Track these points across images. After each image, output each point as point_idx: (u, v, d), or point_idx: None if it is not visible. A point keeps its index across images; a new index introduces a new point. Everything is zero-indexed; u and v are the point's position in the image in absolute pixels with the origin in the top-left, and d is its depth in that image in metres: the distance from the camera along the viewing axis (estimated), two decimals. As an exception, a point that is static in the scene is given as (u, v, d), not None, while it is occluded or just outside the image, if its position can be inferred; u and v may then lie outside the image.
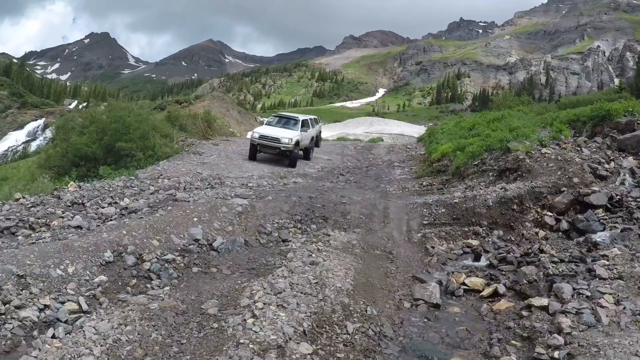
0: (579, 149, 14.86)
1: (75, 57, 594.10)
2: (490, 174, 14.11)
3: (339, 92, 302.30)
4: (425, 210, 12.26)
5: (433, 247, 10.75)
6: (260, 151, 21.95)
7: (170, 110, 41.02)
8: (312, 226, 11.36)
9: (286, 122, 23.62)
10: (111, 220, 10.56)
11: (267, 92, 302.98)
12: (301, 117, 24.33)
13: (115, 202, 11.73)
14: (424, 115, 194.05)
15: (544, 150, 14.02)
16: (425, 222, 11.84)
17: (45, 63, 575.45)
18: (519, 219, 11.66)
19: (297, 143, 21.59)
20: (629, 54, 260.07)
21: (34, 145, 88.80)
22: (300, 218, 11.66)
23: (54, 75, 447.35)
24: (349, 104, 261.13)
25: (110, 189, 13.00)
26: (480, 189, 13.35)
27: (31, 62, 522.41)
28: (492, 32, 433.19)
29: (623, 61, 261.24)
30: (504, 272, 9.08)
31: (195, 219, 10.33)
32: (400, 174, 20.52)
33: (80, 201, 11.73)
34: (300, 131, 22.49)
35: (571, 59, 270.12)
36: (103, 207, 11.31)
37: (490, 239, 11.12)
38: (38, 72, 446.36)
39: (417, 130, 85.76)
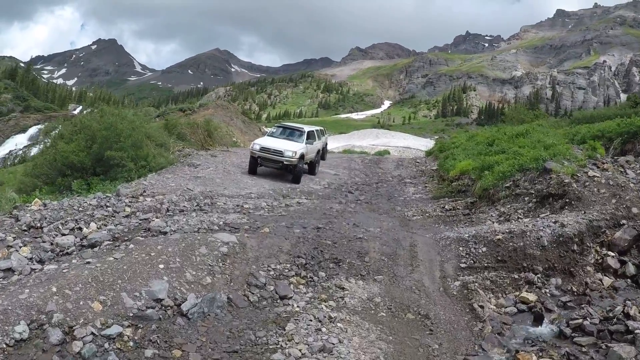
0: (622, 170, 13.06)
1: (82, 63, 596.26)
2: (526, 199, 12.15)
3: (344, 103, 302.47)
4: (461, 248, 10.06)
5: (482, 307, 8.22)
6: (261, 165, 20.05)
7: (168, 118, 39.30)
8: (321, 273, 8.98)
9: (290, 133, 21.75)
10: (66, 254, 8.54)
11: (272, 102, 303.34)
12: (307, 128, 22.47)
13: (79, 228, 9.69)
14: (429, 128, 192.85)
15: (591, 173, 12.07)
16: (462, 265, 9.63)
17: (52, 68, 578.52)
18: (578, 262, 9.61)
19: (302, 156, 19.74)
20: (635, 69, 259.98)
21: (34, 150, 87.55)
22: (305, 261, 9.20)
23: (60, 80, 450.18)
24: (354, 115, 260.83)
25: (80, 208, 11.04)
26: (519, 217, 11.43)
27: (38, 67, 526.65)
28: (498, 46, 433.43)
29: (629, 76, 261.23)
30: (584, 349, 6.82)
31: (162, 266, 7.79)
32: (414, 193, 18.66)
33: (39, 224, 9.71)
34: (306, 143, 20.64)
35: (577, 74, 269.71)
36: (63, 234, 9.32)
37: (548, 290, 8.97)
38: (45, 76, 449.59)
39: (423, 143, 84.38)
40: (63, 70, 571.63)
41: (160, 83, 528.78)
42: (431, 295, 8.73)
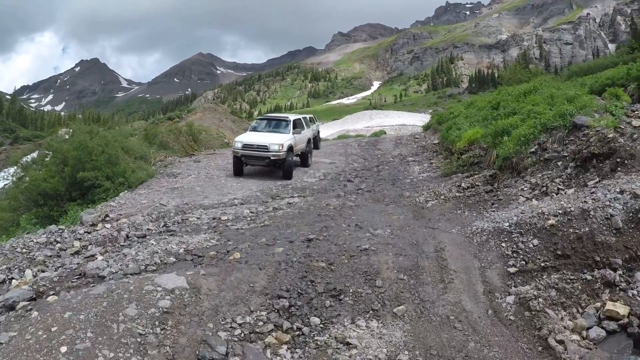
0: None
1: (67, 87, 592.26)
2: (559, 164, 9.98)
3: (333, 90, 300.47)
4: (504, 245, 7.54)
5: (561, 341, 5.61)
6: (247, 164, 18.01)
7: (146, 128, 37.37)
8: (313, 320, 6.38)
9: (275, 124, 19.61)
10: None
11: (262, 99, 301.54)
12: (292, 116, 20.34)
13: (10, 279, 7.70)
14: (422, 103, 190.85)
15: (635, 122, 9.92)
16: (511, 269, 7.13)
17: (39, 95, 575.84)
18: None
19: (291, 149, 17.64)
20: (620, 18, 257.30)
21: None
22: (289, 303, 6.60)
23: (48, 107, 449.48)
24: (345, 100, 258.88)
25: (24, 250, 9.10)
26: (560, 189, 9.23)
27: (24, 97, 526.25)
28: (480, 12, 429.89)
29: (615, 25, 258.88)
30: None
31: (64, 350, 5.25)
32: (421, 172, 16.64)
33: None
34: (293, 134, 18.53)
35: (562, 30, 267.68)
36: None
37: (637, 292, 6.40)
38: (32, 105, 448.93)
39: (418, 118, 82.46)
40: (50, 97, 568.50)
41: (148, 95, 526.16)
42: (480, 328, 6.15)
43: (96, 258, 8.22)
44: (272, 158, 17.03)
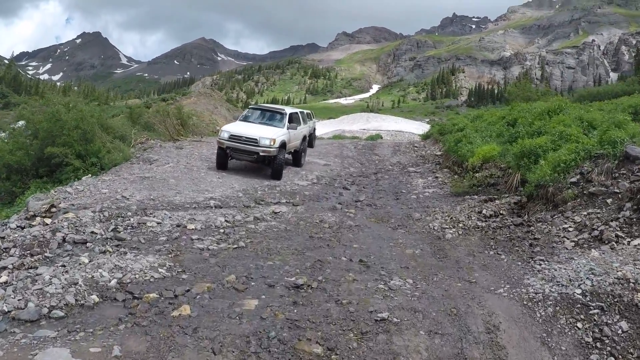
0: None
1: (67, 58, 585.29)
2: (609, 201, 8.06)
3: (332, 88, 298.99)
4: (580, 325, 5.33)
5: None
6: (232, 157, 15.90)
7: (132, 106, 35.28)
8: None
9: (269, 116, 17.51)
10: None
11: (259, 90, 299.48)
12: (288, 109, 18.27)
13: None
14: (419, 111, 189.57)
15: None
16: None
17: (37, 64, 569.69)
18: None
19: (283, 145, 15.64)
20: (624, 48, 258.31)
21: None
22: None
23: (45, 76, 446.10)
24: (342, 100, 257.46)
25: None
26: (619, 236, 7.23)
27: (23, 63, 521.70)
28: (486, 27, 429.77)
29: (618, 55, 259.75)
30: None
31: None
32: (426, 186, 14.84)
33: None
34: (288, 129, 16.53)
35: (566, 53, 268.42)
36: None
37: None
38: (30, 72, 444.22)
39: (415, 126, 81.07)
40: (48, 66, 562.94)
41: (146, 75, 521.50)
42: None
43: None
44: (261, 154, 14.99)
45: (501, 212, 10.10)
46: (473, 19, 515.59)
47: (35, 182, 18.21)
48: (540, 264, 7.17)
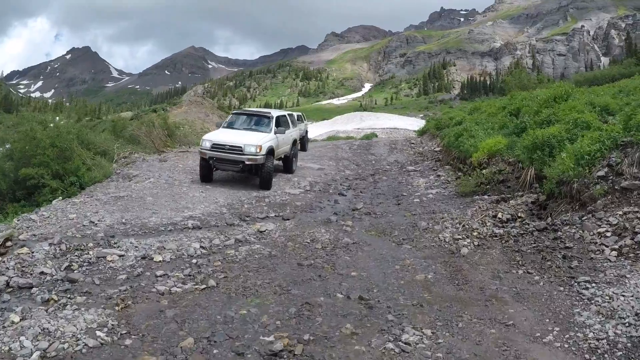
0: None
1: (57, 74, 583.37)
2: None
3: (324, 89, 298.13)
4: None
5: None
6: (217, 168, 14.65)
7: (114, 119, 34.10)
8: None
9: (254, 121, 16.19)
10: None
11: (252, 95, 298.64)
12: (275, 112, 16.92)
13: None
14: (413, 107, 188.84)
15: None
16: None
17: (28, 82, 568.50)
18: None
19: (271, 151, 14.35)
20: (614, 32, 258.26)
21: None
22: None
23: (37, 94, 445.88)
24: (335, 101, 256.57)
25: None
26: None
27: (14, 82, 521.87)
28: (474, 20, 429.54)
29: (608, 39, 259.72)
30: None
31: None
32: (428, 187, 13.63)
33: None
34: (276, 133, 15.21)
35: (556, 41, 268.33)
36: None
37: None
38: (21, 91, 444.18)
39: (410, 122, 79.90)
40: (39, 83, 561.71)
41: (138, 86, 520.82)
42: None
43: None
44: (247, 162, 13.66)
45: (519, 214, 8.83)
46: (461, 12, 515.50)
47: (12, 207, 17.11)
48: (587, 288, 5.87)
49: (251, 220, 10.09)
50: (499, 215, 8.94)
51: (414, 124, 70.24)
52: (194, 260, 7.47)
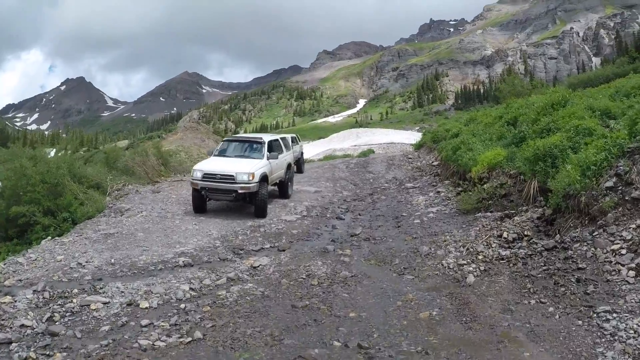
0: None
1: (53, 105, 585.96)
2: None
3: (319, 108, 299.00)
4: None
5: None
6: (209, 198, 14.17)
7: (107, 150, 33.83)
8: None
9: (245, 148, 15.74)
10: None
11: (247, 118, 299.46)
12: (267, 137, 16.45)
13: None
14: (408, 120, 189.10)
15: None
16: None
17: (24, 114, 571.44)
18: None
19: (264, 178, 13.88)
20: (603, 31, 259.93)
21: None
22: None
23: (34, 126, 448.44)
24: (331, 118, 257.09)
25: None
26: None
27: (9, 115, 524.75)
28: (464, 29, 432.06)
29: (598, 39, 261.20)
30: None
31: None
32: (428, 205, 13.20)
33: None
34: (269, 159, 14.77)
35: (546, 45, 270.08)
36: None
37: None
38: (18, 124, 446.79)
39: (406, 136, 79.75)
40: (35, 116, 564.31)
41: (134, 115, 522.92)
42: None
43: None
44: (240, 191, 13.18)
45: (525, 232, 8.35)
46: (450, 22, 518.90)
47: (5, 246, 16.78)
48: (607, 320, 5.32)
49: (245, 254, 9.61)
50: (505, 234, 8.47)
51: (410, 137, 70.07)
52: (182, 305, 6.95)
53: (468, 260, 8.03)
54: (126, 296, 7.20)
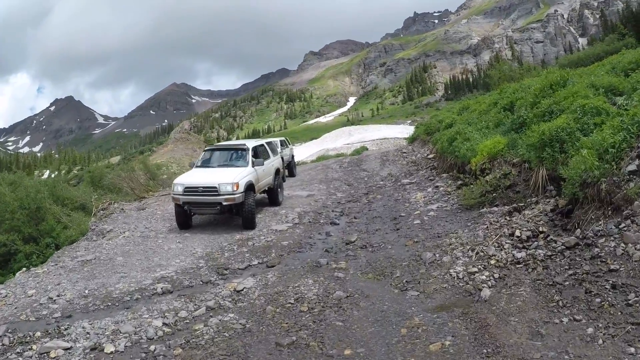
0: None
1: (44, 127, 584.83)
2: None
3: (310, 109, 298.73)
4: None
5: None
6: (193, 213, 13.19)
7: (91, 169, 32.97)
8: None
9: (228, 156, 14.78)
10: None
11: (239, 124, 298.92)
12: (251, 143, 15.38)
13: None
14: (400, 114, 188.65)
15: None
16: None
17: (15, 138, 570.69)
18: None
19: (250, 187, 12.87)
20: (587, 12, 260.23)
21: None
22: None
23: (26, 149, 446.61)
24: (322, 119, 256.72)
25: None
26: None
27: (1, 140, 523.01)
28: (448, 20, 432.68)
29: (583, 20, 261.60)
30: None
31: None
32: (428, 201, 12.33)
33: None
34: (254, 166, 13.73)
35: (532, 29, 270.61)
36: None
37: None
38: (10, 148, 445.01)
39: (399, 130, 79.24)
40: (27, 138, 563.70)
41: (125, 130, 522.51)
42: None
43: None
44: (224, 203, 12.18)
45: (540, 229, 7.39)
46: (434, 14, 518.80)
47: (-13, 275, 15.99)
48: None
49: (230, 274, 8.66)
50: (517, 232, 7.50)
51: (403, 131, 69.50)
52: (152, 347, 5.97)
53: (479, 266, 7.06)
54: (91, 339, 6.25)
